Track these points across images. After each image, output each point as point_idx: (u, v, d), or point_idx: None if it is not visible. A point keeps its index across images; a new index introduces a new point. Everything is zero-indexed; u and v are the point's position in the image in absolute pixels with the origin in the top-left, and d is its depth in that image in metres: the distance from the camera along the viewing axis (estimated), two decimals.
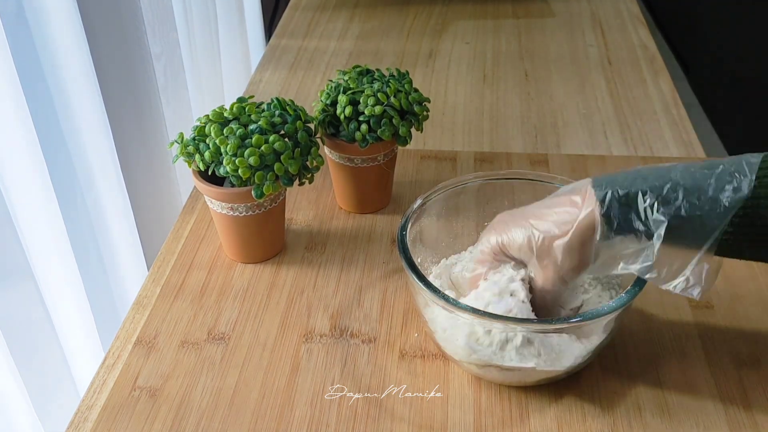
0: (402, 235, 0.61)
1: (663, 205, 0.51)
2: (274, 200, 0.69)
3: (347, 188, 0.77)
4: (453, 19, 1.27)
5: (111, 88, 0.84)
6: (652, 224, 0.51)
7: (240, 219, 0.68)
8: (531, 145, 0.92)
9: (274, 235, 0.72)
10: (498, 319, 0.54)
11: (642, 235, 0.52)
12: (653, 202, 0.51)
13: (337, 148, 0.74)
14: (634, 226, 0.52)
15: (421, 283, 0.56)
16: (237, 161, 0.64)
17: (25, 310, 0.74)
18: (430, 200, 0.65)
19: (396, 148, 0.76)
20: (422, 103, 0.74)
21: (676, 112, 0.98)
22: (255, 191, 0.65)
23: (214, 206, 0.69)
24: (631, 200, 0.52)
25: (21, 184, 0.72)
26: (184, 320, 0.66)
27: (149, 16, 0.92)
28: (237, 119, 0.68)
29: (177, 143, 0.69)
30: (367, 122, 0.71)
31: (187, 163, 0.69)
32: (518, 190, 0.67)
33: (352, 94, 0.72)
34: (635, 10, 1.28)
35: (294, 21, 1.27)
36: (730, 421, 0.56)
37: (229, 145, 0.65)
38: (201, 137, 0.68)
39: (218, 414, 0.58)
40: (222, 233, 0.72)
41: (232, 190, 0.66)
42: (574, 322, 0.53)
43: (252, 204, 0.67)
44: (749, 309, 0.66)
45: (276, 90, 1.06)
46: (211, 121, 0.68)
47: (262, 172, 0.65)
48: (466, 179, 0.67)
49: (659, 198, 0.51)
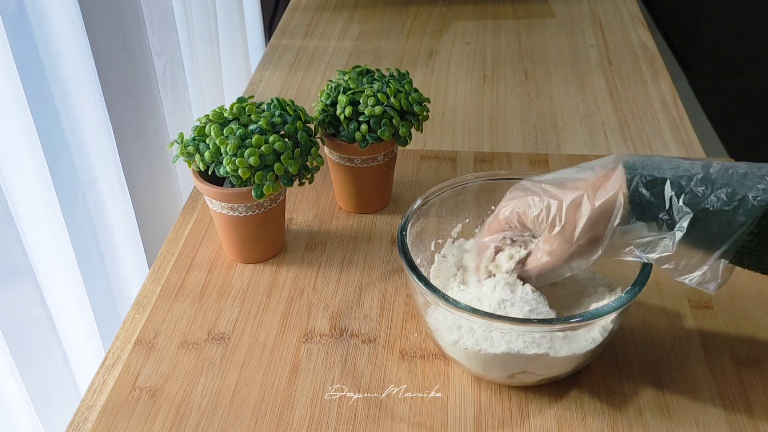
0: (402, 235, 0.61)
1: (690, 196, 0.49)
2: (274, 200, 0.69)
3: (347, 188, 0.77)
4: (453, 20, 1.27)
5: (112, 89, 0.84)
6: (677, 214, 0.50)
7: (240, 219, 0.68)
8: (531, 145, 0.92)
9: (274, 235, 0.72)
10: (498, 319, 0.54)
11: (663, 224, 0.50)
12: (680, 192, 0.50)
13: (337, 148, 0.74)
14: (657, 215, 0.51)
15: (421, 283, 0.56)
16: (237, 161, 0.64)
17: (26, 309, 0.74)
18: (429, 200, 0.65)
19: (396, 148, 0.76)
20: (422, 104, 0.74)
21: (675, 111, 0.98)
22: (255, 191, 0.65)
23: (214, 206, 0.69)
24: (659, 187, 0.50)
25: (22, 184, 0.72)
26: (184, 320, 0.66)
27: (150, 17, 0.92)
28: (237, 119, 0.68)
29: (177, 143, 0.69)
30: (367, 122, 0.71)
31: (187, 163, 0.69)
32: None
33: (352, 95, 0.72)
34: (635, 10, 1.28)
35: (294, 21, 1.27)
36: (729, 421, 0.56)
37: (229, 145, 0.65)
38: (201, 137, 0.68)
39: (218, 414, 0.58)
40: (222, 233, 0.72)
41: (232, 190, 0.66)
42: (575, 322, 0.53)
43: (252, 204, 0.67)
44: (749, 309, 0.66)
45: (276, 90, 1.07)
46: (211, 122, 0.68)
47: (262, 172, 0.65)
48: (466, 179, 0.67)
49: (687, 189, 0.50)
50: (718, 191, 0.49)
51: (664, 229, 0.51)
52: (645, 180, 0.51)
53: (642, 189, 0.51)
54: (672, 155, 0.88)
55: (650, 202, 0.51)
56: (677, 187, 0.50)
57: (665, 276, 0.69)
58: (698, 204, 0.49)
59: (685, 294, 0.68)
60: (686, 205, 0.50)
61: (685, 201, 0.50)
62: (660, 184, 0.51)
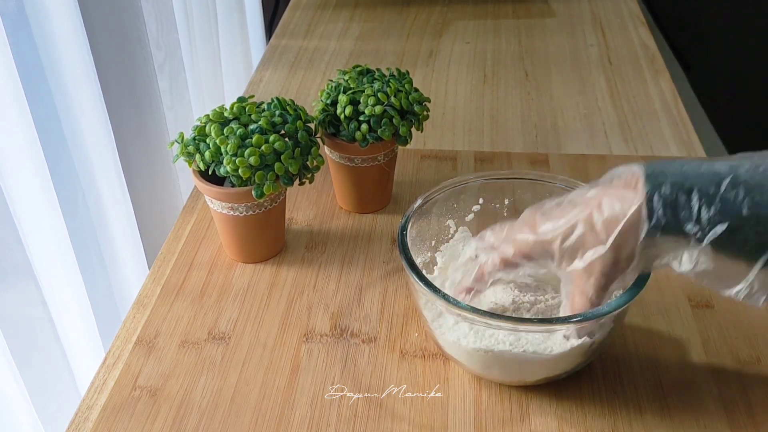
0: (402, 234, 0.61)
1: (722, 204, 0.46)
2: (275, 200, 0.69)
3: (347, 188, 0.77)
4: (453, 19, 1.27)
5: (112, 88, 0.84)
6: (707, 226, 0.46)
7: (240, 219, 0.68)
8: (531, 145, 0.92)
9: (274, 234, 0.72)
10: (498, 318, 0.54)
11: (693, 237, 0.47)
12: (711, 201, 0.46)
13: (337, 147, 0.74)
14: (684, 228, 0.47)
15: (421, 283, 0.56)
16: (237, 161, 0.64)
17: (26, 309, 0.74)
18: (430, 200, 0.65)
19: (396, 147, 0.76)
20: (422, 103, 0.74)
21: (676, 111, 0.98)
22: (255, 191, 0.65)
23: (214, 206, 0.69)
24: (684, 198, 0.46)
25: (22, 184, 0.72)
26: (185, 320, 0.66)
27: (150, 16, 0.92)
28: (237, 119, 0.68)
29: (177, 143, 0.69)
30: (367, 122, 0.71)
31: (188, 163, 0.69)
32: (519, 189, 0.68)
33: (352, 94, 0.72)
34: (635, 9, 1.28)
35: (294, 21, 1.27)
36: (730, 420, 0.56)
37: (230, 145, 0.65)
38: (201, 137, 0.68)
39: (218, 414, 0.58)
40: (222, 233, 0.72)
41: (233, 190, 0.66)
42: (574, 321, 0.53)
43: (252, 204, 0.67)
44: (749, 309, 0.66)
45: (276, 90, 1.06)
46: (211, 121, 0.68)
47: (263, 172, 0.65)
48: (467, 179, 0.67)
49: (717, 196, 0.46)
50: (753, 193, 0.45)
51: (694, 242, 0.47)
52: (668, 191, 0.47)
53: (666, 201, 0.47)
54: (672, 155, 0.89)
55: (676, 213, 0.47)
56: (705, 195, 0.46)
57: (665, 275, 0.69)
58: (732, 211, 0.45)
59: (685, 293, 0.68)
60: (719, 213, 0.45)
61: (717, 209, 0.46)
62: (686, 192, 0.46)
